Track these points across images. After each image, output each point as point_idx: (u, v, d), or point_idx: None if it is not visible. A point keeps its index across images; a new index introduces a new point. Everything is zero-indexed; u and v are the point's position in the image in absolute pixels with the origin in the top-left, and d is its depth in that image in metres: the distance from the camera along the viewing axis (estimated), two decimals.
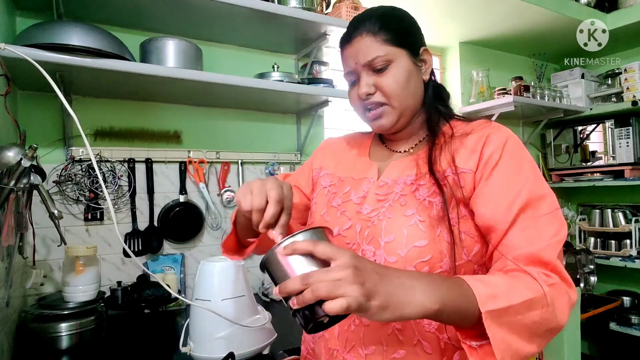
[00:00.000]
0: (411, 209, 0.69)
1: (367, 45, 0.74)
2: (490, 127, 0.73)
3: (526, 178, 0.67)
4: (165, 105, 1.67)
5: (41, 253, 1.41)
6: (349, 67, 0.78)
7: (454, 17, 2.21)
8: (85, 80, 1.36)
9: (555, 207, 0.66)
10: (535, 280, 0.59)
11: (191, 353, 1.07)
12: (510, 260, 0.63)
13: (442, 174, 0.71)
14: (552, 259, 0.61)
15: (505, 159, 0.68)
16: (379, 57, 0.73)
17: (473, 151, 0.71)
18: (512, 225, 0.64)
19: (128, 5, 1.43)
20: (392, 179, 0.76)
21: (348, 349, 0.70)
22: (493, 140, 0.70)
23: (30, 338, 1.19)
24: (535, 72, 2.78)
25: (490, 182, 0.68)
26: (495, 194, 0.66)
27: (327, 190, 0.84)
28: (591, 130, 2.62)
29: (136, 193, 1.59)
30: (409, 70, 0.76)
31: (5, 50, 0.92)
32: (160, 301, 1.37)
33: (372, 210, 0.74)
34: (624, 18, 2.33)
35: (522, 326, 0.57)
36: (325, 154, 0.92)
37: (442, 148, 0.74)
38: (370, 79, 0.75)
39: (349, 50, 0.77)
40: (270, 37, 1.75)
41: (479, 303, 0.54)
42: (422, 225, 0.67)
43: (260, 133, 1.88)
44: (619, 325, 2.42)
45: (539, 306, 0.57)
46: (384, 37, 0.74)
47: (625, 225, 2.47)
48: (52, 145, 1.45)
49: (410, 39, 0.77)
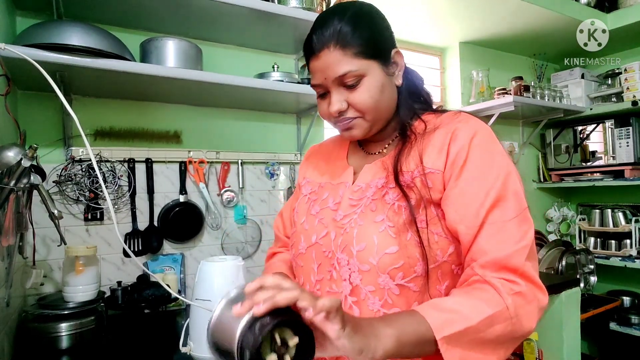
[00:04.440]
0: (381, 215, 0.68)
1: (336, 60, 0.68)
2: (458, 121, 0.70)
3: (494, 177, 0.64)
4: (165, 105, 1.67)
5: (41, 253, 1.41)
6: (317, 80, 0.72)
7: (454, 17, 2.21)
8: (85, 80, 1.36)
9: (523, 206, 0.65)
10: (498, 293, 0.59)
11: (191, 353, 1.07)
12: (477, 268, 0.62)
13: (410, 175, 0.69)
14: (519, 264, 0.61)
15: (473, 157, 0.66)
16: (351, 72, 0.68)
17: (440, 150, 0.68)
18: (480, 230, 0.63)
19: (128, 5, 1.42)
20: (365, 183, 0.74)
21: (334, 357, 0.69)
22: (460, 137, 0.67)
23: (30, 338, 1.19)
24: (535, 72, 2.78)
25: (459, 183, 0.66)
26: (462, 197, 0.65)
27: (308, 198, 0.83)
28: (591, 130, 2.62)
29: (136, 193, 1.59)
30: (382, 82, 0.71)
31: (5, 50, 0.92)
32: (160, 301, 1.37)
33: (345, 217, 0.72)
34: (624, 18, 2.33)
35: (485, 342, 0.58)
36: (309, 163, 0.92)
37: (410, 148, 0.72)
38: (341, 96, 0.71)
39: (315, 63, 0.71)
40: (270, 37, 1.75)
41: (434, 331, 0.55)
42: (392, 231, 0.66)
43: (260, 133, 1.88)
44: (619, 325, 2.42)
45: (501, 320, 0.58)
46: (354, 51, 0.68)
47: (625, 225, 2.47)
48: (52, 145, 1.45)
49: (381, 46, 0.72)
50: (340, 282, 0.70)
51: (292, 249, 0.82)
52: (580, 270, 2.33)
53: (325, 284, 0.73)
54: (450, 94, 2.63)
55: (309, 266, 0.76)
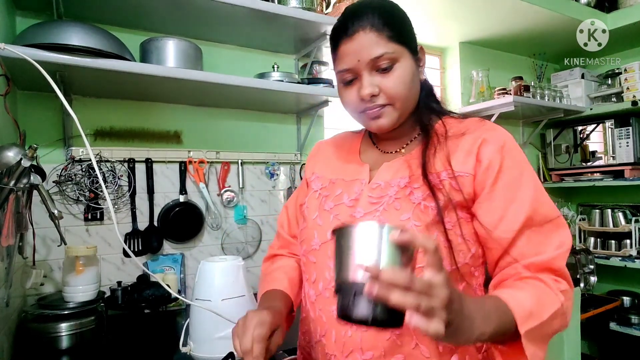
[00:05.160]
0: (406, 213, 0.68)
1: (372, 42, 0.68)
2: (486, 129, 0.72)
3: (529, 186, 0.68)
4: (165, 105, 1.67)
5: (41, 253, 1.41)
6: (347, 65, 0.71)
7: (454, 17, 2.21)
8: (85, 80, 1.36)
9: (558, 213, 0.69)
10: (552, 290, 0.63)
11: (191, 353, 1.07)
12: (521, 268, 0.65)
13: (437, 176, 0.69)
14: (561, 267, 0.65)
15: (507, 165, 0.68)
16: (387, 54, 0.68)
17: (469, 154, 0.69)
18: (520, 235, 0.65)
19: (128, 5, 1.42)
20: (385, 181, 0.74)
21: (346, 354, 0.69)
22: (491, 143, 0.69)
23: (30, 338, 1.18)
24: (535, 72, 2.78)
25: (496, 189, 0.67)
26: (500, 203, 0.67)
27: (319, 194, 0.82)
28: (591, 130, 2.62)
29: (136, 193, 1.59)
30: (413, 70, 0.72)
31: (5, 50, 0.92)
32: (160, 301, 1.37)
33: (366, 214, 0.72)
34: (624, 18, 2.33)
35: (544, 336, 0.61)
36: (317, 159, 0.90)
37: (435, 149, 0.72)
38: (374, 79, 0.70)
39: (347, 46, 0.70)
40: (270, 37, 1.75)
41: (519, 325, 0.57)
42: (418, 230, 0.67)
43: (260, 133, 1.88)
44: (619, 325, 2.42)
45: (559, 316, 0.62)
46: (389, 34, 0.69)
47: (625, 225, 2.47)
48: (52, 145, 1.45)
49: (411, 36, 0.74)
50: None
51: (303, 245, 0.80)
52: (581, 270, 2.33)
53: None
54: (450, 94, 2.63)
55: (324, 263, 0.74)
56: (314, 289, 0.76)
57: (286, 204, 0.97)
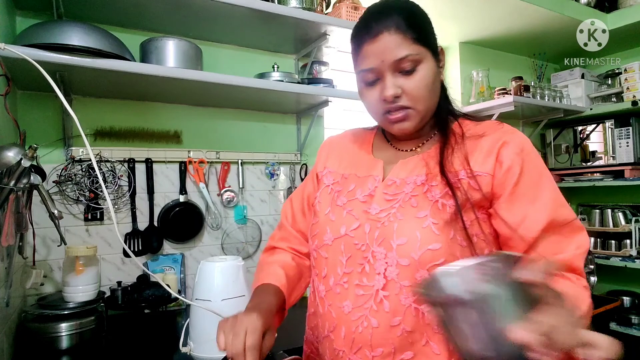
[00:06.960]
0: (424, 211, 0.68)
1: (397, 43, 0.68)
2: (504, 131, 0.72)
3: (549, 189, 0.69)
4: (165, 105, 1.68)
5: (41, 253, 1.41)
6: (370, 65, 0.71)
7: (454, 17, 2.21)
8: (85, 80, 1.36)
9: (574, 215, 0.70)
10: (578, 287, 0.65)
11: (191, 353, 1.07)
12: None
13: (455, 175, 0.70)
14: (580, 266, 0.67)
15: (528, 167, 0.69)
16: (410, 55, 0.68)
17: (488, 154, 0.70)
18: (544, 234, 0.67)
19: (128, 5, 1.42)
20: (400, 178, 0.73)
21: (354, 350, 0.69)
22: (512, 146, 0.69)
23: (30, 338, 1.19)
24: (535, 72, 2.78)
25: (518, 191, 0.68)
26: (523, 204, 0.68)
27: (331, 189, 0.81)
28: (591, 130, 2.62)
29: (136, 193, 1.59)
30: (434, 71, 0.72)
31: (5, 50, 0.92)
32: (160, 301, 1.37)
33: (382, 211, 0.71)
34: (624, 18, 2.33)
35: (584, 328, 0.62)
36: (328, 153, 0.90)
37: (453, 149, 0.73)
38: (397, 81, 0.70)
39: (371, 46, 0.70)
40: (270, 37, 1.75)
41: None
42: (435, 227, 0.66)
43: (260, 133, 1.88)
44: (619, 325, 2.42)
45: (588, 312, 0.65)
46: (413, 36, 0.69)
47: (625, 225, 2.47)
48: (52, 145, 1.45)
49: (433, 37, 0.74)
50: (373, 275, 0.69)
51: (315, 240, 0.80)
52: None
53: (355, 277, 0.71)
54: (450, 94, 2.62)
55: (336, 258, 0.74)
56: (324, 284, 0.76)
57: (291, 196, 0.96)
